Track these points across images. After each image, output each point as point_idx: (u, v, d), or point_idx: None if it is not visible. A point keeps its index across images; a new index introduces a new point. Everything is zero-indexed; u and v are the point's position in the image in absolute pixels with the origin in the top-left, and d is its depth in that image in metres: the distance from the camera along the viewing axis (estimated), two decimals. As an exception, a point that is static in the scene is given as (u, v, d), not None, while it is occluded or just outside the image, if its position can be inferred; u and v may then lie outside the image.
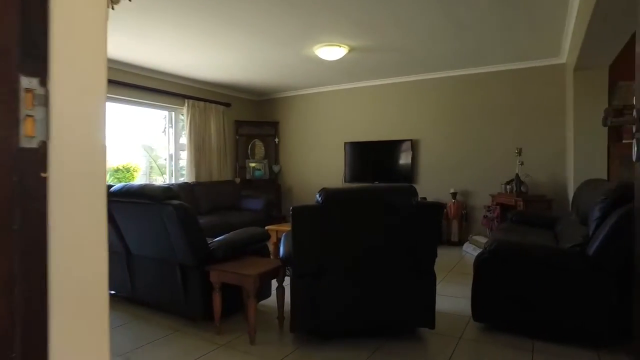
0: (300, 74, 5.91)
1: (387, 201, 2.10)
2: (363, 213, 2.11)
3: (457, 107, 5.76)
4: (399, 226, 2.14)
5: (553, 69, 5.12)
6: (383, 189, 2.14)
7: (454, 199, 5.60)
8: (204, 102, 6.44)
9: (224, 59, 5.13)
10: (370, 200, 2.10)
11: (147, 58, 5.06)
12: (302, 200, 7.12)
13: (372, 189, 2.15)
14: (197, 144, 6.32)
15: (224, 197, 6.34)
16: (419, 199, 5.39)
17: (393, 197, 2.10)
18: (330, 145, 6.85)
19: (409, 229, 2.15)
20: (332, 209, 2.09)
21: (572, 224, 3.07)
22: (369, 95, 6.46)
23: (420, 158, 6.04)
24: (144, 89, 5.60)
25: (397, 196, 2.10)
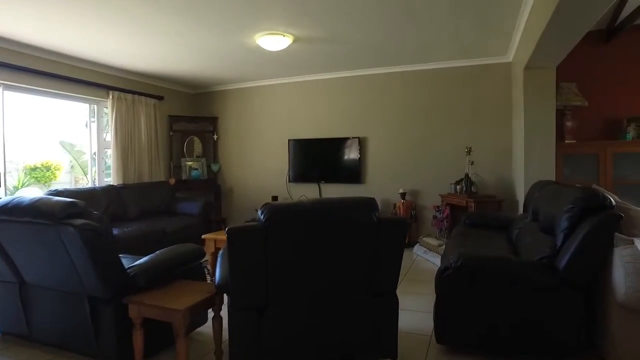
0: (242, 65, 5.43)
1: (343, 218, 1.76)
2: (315, 232, 1.76)
3: (405, 104, 5.58)
4: (358, 246, 1.81)
5: (500, 67, 5.08)
6: (339, 203, 1.80)
7: (403, 199, 5.43)
8: (132, 95, 5.75)
9: (153, 46, 4.53)
10: (324, 218, 1.74)
11: (64, 43, 4.33)
12: (244, 201, 6.66)
13: (326, 204, 1.79)
14: (124, 141, 5.62)
15: (156, 201, 5.71)
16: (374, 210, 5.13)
17: (350, 213, 1.76)
18: (274, 142, 6.43)
19: (369, 250, 1.83)
20: (278, 229, 1.71)
21: (530, 230, 2.93)
22: (314, 90, 6.11)
23: (368, 156, 5.81)
24: (60, 78, 4.84)
25: (355, 212, 1.77)
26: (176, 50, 4.72)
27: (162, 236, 4.92)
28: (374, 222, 1.80)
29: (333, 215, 1.76)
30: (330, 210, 1.77)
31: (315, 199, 1.84)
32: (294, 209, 1.73)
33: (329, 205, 1.79)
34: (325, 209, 1.76)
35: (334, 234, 1.78)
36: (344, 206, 1.79)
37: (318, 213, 1.75)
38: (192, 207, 5.73)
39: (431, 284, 3.80)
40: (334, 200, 1.82)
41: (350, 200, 1.82)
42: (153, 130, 6.09)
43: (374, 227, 1.79)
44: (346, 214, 1.76)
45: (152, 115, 6.10)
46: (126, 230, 4.52)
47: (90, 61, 5.12)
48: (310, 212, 1.74)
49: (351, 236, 1.79)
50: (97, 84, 5.29)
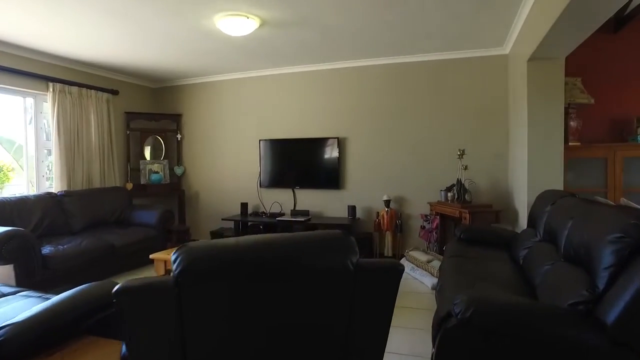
0: (203, 54, 4.74)
1: (303, 267, 1.14)
2: (259, 291, 1.13)
3: (390, 101, 4.99)
4: (325, 308, 1.19)
5: (495, 60, 4.53)
6: (296, 245, 1.17)
7: (387, 207, 4.84)
8: (79, 88, 5.00)
9: (96, 30, 3.81)
10: (272, 268, 1.12)
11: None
12: (211, 208, 5.97)
13: (277, 247, 1.15)
14: (68, 141, 4.88)
15: (108, 210, 4.99)
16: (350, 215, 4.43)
17: (314, 260, 1.15)
18: (244, 143, 5.76)
19: (342, 312, 1.21)
20: (198, 288, 1.08)
21: (544, 254, 2.36)
22: (288, 85, 5.47)
23: (348, 159, 5.20)
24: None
25: (320, 257, 1.15)
26: (124, 36, 4.01)
27: (109, 252, 4.23)
28: (350, 270, 1.18)
29: (289, 260, 1.14)
30: (284, 253, 1.14)
31: (260, 237, 1.20)
32: (224, 255, 1.10)
33: (280, 248, 1.16)
34: (276, 254, 1.13)
35: (288, 292, 1.15)
36: (305, 249, 1.16)
37: (264, 261, 1.12)
38: (149, 217, 5.02)
39: (420, 313, 3.25)
40: (289, 240, 1.18)
41: (314, 238, 1.20)
42: (105, 128, 5.35)
43: (350, 279, 1.18)
44: (308, 260, 1.14)
45: (105, 111, 5.36)
46: (61, 249, 3.80)
47: (23, 47, 4.36)
48: (250, 259, 1.11)
49: (315, 294, 1.17)
50: (32, 74, 4.53)
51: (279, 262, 1.17)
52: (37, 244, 3.58)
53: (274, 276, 1.15)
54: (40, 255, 3.60)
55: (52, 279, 3.65)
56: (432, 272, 3.93)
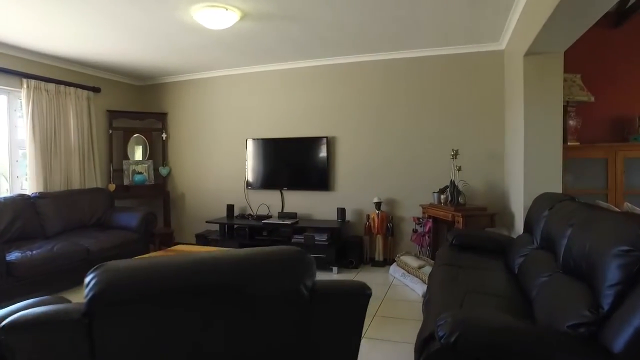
0: (186, 50, 4.53)
1: (248, 291, 0.93)
2: (196, 317, 0.92)
3: (381, 99, 4.78)
4: (275, 338, 0.98)
5: (491, 56, 4.33)
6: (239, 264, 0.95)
7: (378, 209, 4.64)
8: (56, 85, 4.78)
9: (76, 25, 3.59)
10: (211, 291, 0.91)
11: (-61, 13, 3.38)
12: (197, 210, 5.75)
13: (214, 266, 0.94)
14: (44, 140, 4.66)
15: (87, 212, 4.77)
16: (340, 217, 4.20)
17: (261, 282, 0.94)
18: (231, 142, 5.55)
19: (296, 341, 1.00)
20: (118, 316, 0.88)
21: (541, 264, 2.16)
22: (275, 82, 5.26)
23: (338, 159, 4.99)
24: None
25: (269, 278, 0.94)
26: (101, 31, 3.79)
27: (83, 257, 4.01)
28: (304, 295, 0.97)
29: (226, 288, 0.92)
30: (221, 280, 0.92)
31: (197, 256, 0.99)
32: (149, 279, 0.89)
33: (218, 271, 0.94)
34: (212, 277, 0.92)
35: (229, 322, 0.94)
36: (248, 271, 0.95)
37: (197, 286, 0.91)
38: (130, 219, 4.81)
39: (410, 325, 3.00)
40: (231, 260, 0.97)
41: (260, 258, 0.98)
42: (86, 127, 5.13)
43: (304, 305, 0.97)
44: (251, 285, 0.93)
45: (85, 109, 5.14)
46: (29, 254, 3.58)
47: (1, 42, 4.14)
48: (181, 284, 0.90)
49: (261, 324, 0.96)
50: (4, 69, 4.30)
51: (216, 288, 0.96)
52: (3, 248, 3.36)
53: (210, 304, 0.94)
54: (4, 261, 3.38)
55: (17, 287, 3.44)
56: (423, 279, 3.72)
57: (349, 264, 4.59)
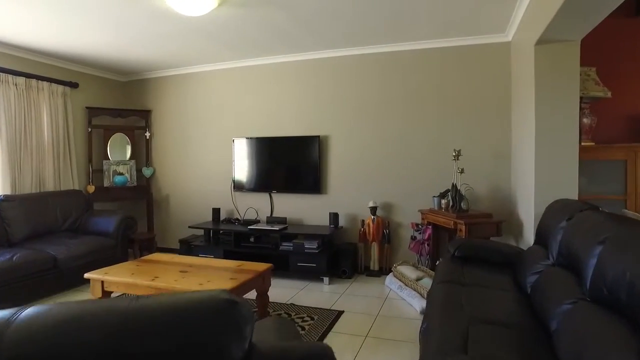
0: (165, 41, 4.18)
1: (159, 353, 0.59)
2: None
3: (376, 95, 4.43)
4: None
5: (496, 48, 3.98)
6: (138, 321, 0.62)
7: (373, 214, 4.28)
8: (27, 79, 4.44)
9: (45, 13, 3.25)
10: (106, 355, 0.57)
11: None
12: (182, 214, 5.41)
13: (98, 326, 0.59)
14: (12, 138, 4.32)
15: (60, 216, 4.43)
16: (332, 223, 3.88)
17: (159, 345, 0.60)
18: (217, 141, 5.20)
19: None
20: None
21: (561, 285, 1.81)
22: (263, 78, 4.91)
23: (330, 160, 4.64)
24: None
25: (180, 342, 0.61)
26: (72, 20, 3.45)
27: (50, 267, 3.66)
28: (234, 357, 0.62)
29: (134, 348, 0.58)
30: (105, 347, 0.58)
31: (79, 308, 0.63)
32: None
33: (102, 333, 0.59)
34: (93, 345, 0.58)
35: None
36: (150, 332, 0.61)
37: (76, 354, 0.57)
38: (106, 224, 4.46)
39: (405, 348, 2.54)
40: (125, 315, 0.62)
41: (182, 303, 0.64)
42: (61, 125, 4.79)
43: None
44: (167, 341, 0.59)
45: (61, 106, 4.80)
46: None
47: (-45, 30, 3.80)
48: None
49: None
50: (-32, 61, 3.98)
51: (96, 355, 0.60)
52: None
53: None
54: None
55: (-32, 302, 3.10)
56: (422, 293, 3.37)
57: (342, 273, 4.23)
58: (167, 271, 2.95)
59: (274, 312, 3.26)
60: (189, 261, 3.25)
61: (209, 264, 3.17)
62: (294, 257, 4.19)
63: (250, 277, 2.80)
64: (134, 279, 2.74)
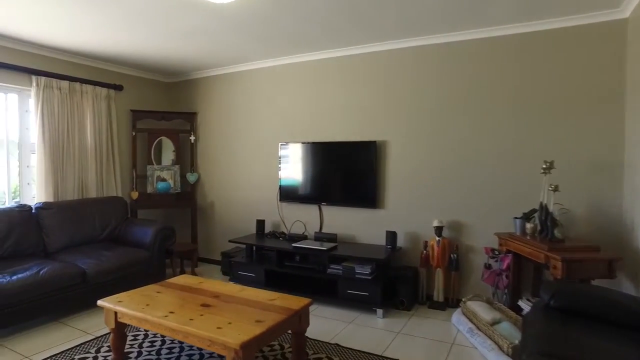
0: (200, 36, 3.78)
1: None
2: None
3: (446, 93, 3.71)
4: None
5: (606, 28, 3.10)
6: None
7: (438, 235, 3.58)
8: (70, 82, 4.28)
9: (85, 14, 2.98)
10: None
11: None
12: (227, 224, 5.04)
13: None
14: (55, 144, 4.17)
15: (99, 225, 4.22)
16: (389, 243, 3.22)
17: None
18: (265, 147, 4.75)
19: None
20: None
21: None
22: (314, 76, 4.37)
23: (389, 170, 3.98)
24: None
25: None
26: (118, 20, 3.15)
27: (77, 283, 3.40)
28: None
29: None
30: None
31: None
32: None
33: None
34: None
35: None
36: None
37: None
38: (143, 234, 4.18)
39: None
40: None
41: None
42: (104, 129, 4.60)
43: None
44: None
45: (105, 109, 4.61)
46: (5, 281, 2.99)
47: (9, 37, 3.67)
48: None
49: None
50: (12, 66, 3.84)
51: None
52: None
53: None
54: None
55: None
56: (499, 344, 2.63)
57: (399, 304, 3.58)
58: (188, 303, 2.50)
59: (313, 355, 2.70)
60: (217, 289, 2.80)
61: (239, 294, 2.69)
62: (344, 282, 3.60)
63: (281, 319, 2.26)
64: (146, 314, 2.32)
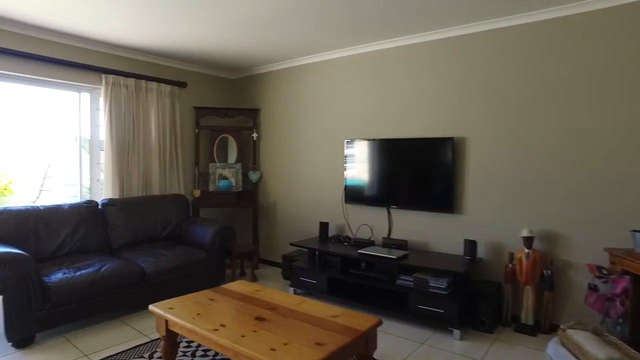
0: (262, 25, 3.57)
1: None
2: None
3: (533, 81, 3.15)
4: None
5: None
6: None
7: (528, 247, 3.05)
8: (136, 80, 4.28)
9: (149, 11, 2.92)
10: None
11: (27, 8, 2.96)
12: (289, 225, 4.82)
13: None
14: (121, 141, 4.19)
15: (161, 223, 4.18)
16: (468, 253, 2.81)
17: None
18: (329, 143, 4.46)
19: None
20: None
21: None
22: (378, 66, 3.98)
23: (467, 170, 3.50)
24: (26, 57, 3.55)
25: None
26: (187, 13, 3.03)
27: (136, 281, 3.33)
28: None
29: None
30: None
31: None
32: None
33: None
34: None
35: None
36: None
37: None
38: (203, 234, 4.07)
39: None
40: None
41: None
42: (168, 126, 4.57)
43: None
44: None
45: (169, 106, 4.58)
46: (71, 277, 2.98)
47: (74, 35, 3.75)
48: None
49: None
50: (84, 65, 3.91)
51: None
52: (35, 272, 2.79)
53: None
54: (40, 285, 2.82)
55: (55, 315, 2.89)
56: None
57: (480, 325, 3.10)
58: (241, 315, 2.26)
59: (380, 382, 2.34)
60: (274, 299, 2.53)
61: (298, 307, 2.40)
62: (415, 296, 3.20)
63: (346, 342, 1.94)
64: (196, 325, 2.10)
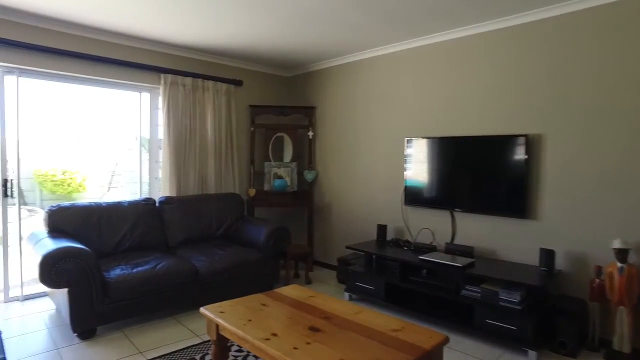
0: (321, 23, 3.40)
1: None
2: None
3: (619, 69, 2.71)
4: None
5: None
6: None
7: (621, 260, 2.63)
8: (193, 78, 4.31)
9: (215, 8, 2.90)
10: None
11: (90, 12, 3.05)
12: (345, 226, 4.64)
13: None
14: (179, 139, 4.23)
15: (215, 221, 4.17)
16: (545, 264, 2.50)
17: None
18: (388, 141, 4.22)
19: None
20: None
21: None
22: (439, 59, 3.67)
23: (543, 171, 3.11)
24: (90, 59, 3.67)
25: None
26: (247, 13, 2.99)
27: (191, 280, 3.31)
28: None
29: None
30: None
31: None
32: None
33: None
34: None
35: None
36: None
37: None
38: (256, 234, 4.00)
39: None
40: None
41: None
42: (224, 124, 4.57)
43: None
44: None
45: (224, 105, 4.58)
46: (129, 273, 3.01)
47: (133, 36, 3.83)
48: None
49: None
50: (144, 65, 4.00)
51: None
52: (96, 267, 2.84)
53: None
54: (99, 280, 2.86)
55: (115, 310, 2.94)
56: None
57: (559, 347, 2.73)
58: (294, 323, 2.11)
59: (446, 407, 2.09)
60: (329, 307, 2.36)
61: (355, 317, 2.21)
62: (483, 309, 2.89)
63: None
64: (246, 332, 1.98)
